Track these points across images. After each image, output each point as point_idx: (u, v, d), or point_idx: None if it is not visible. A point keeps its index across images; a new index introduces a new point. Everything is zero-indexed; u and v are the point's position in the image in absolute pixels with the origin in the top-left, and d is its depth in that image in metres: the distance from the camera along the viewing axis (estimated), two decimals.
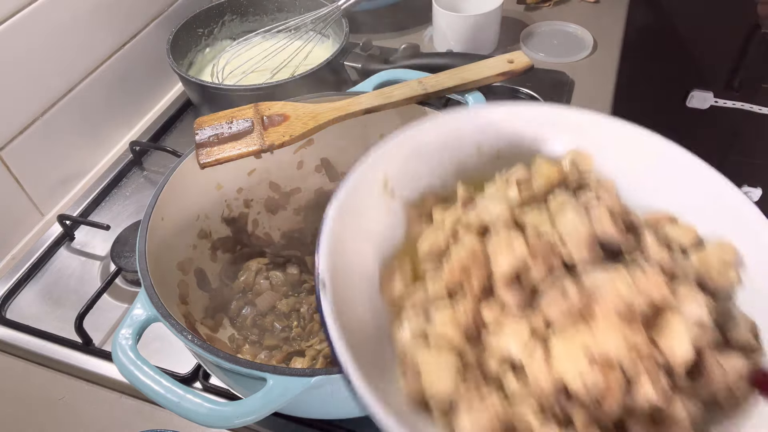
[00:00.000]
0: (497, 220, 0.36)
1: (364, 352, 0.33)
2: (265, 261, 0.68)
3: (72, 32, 0.83)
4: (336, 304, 0.34)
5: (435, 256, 0.38)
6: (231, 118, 0.60)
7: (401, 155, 0.41)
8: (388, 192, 0.40)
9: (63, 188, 0.87)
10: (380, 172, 0.40)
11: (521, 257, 0.34)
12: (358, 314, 0.36)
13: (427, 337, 0.35)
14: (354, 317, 0.35)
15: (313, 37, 0.95)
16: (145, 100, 1.00)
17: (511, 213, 0.36)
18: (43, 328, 0.69)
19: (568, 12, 1.09)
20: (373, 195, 0.40)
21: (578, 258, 0.34)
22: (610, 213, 0.35)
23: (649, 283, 0.32)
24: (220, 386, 0.62)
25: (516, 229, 0.35)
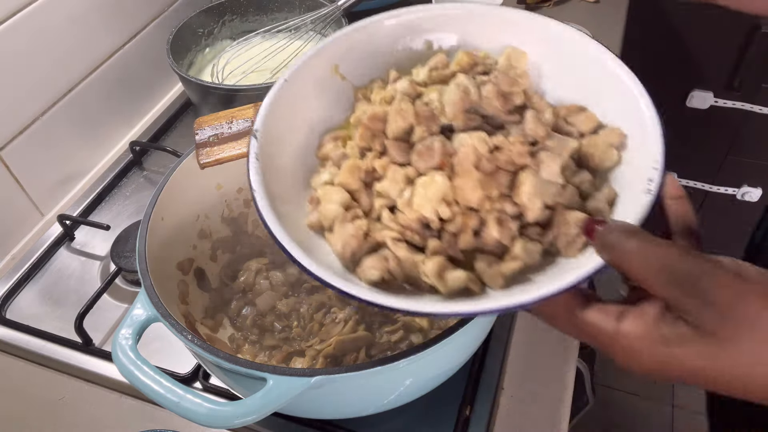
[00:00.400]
0: (400, 93, 0.44)
1: (282, 194, 0.42)
2: (265, 261, 0.67)
3: (72, 32, 0.83)
4: (263, 149, 0.43)
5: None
6: (231, 118, 0.60)
7: (352, 43, 0.49)
8: (339, 75, 0.48)
9: (63, 188, 0.87)
10: (331, 56, 0.48)
11: (408, 121, 0.42)
12: (285, 163, 0.45)
13: (332, 183, 0.44)
14: (280, 164, 0.44)
15: (313, 37, 0.95)
16: (145, 100, 1.00)
17: (413, 88, 0.44)
18: (43, 328, 0.69)
19: (568, 12, 1.09)
20: (323, 74, 0.48)
21: (454, 122, 0.42)
22: (498, 92, 0.42)
23: (511, 146, 0.40)
24: (220, 386, 0.62)
25: (411, 100, 0.43)
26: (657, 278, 0.30)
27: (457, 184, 0.39)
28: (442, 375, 0.54)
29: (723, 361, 0.29)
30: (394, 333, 0.59)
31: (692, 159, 1.51)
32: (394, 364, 0.44)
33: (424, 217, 0.39)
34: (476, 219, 0.40)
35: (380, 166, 0.42)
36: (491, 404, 0.60)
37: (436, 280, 0.38)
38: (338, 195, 0.42)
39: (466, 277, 0.38)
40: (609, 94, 0.43)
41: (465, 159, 0.39)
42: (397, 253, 0.39)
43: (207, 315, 0.63)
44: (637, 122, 0.40)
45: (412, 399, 0.54)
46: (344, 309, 0.62)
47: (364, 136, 0.43)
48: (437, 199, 0.39)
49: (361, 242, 0.40)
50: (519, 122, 0.42)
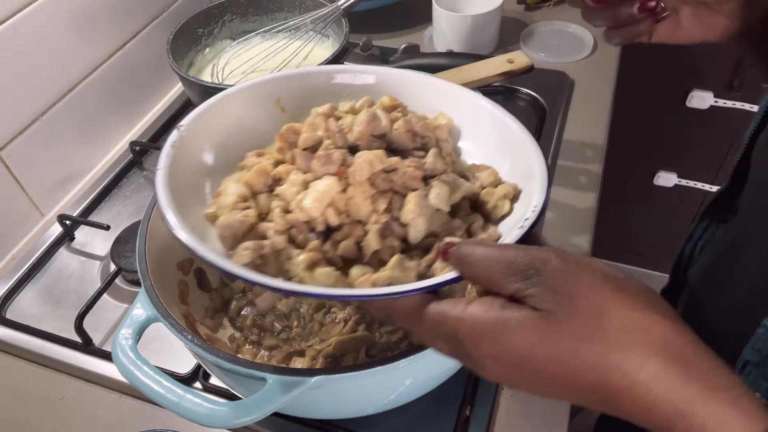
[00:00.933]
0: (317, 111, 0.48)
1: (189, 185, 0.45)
2: None
3: (72, 32, 0.83)
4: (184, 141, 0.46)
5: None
6: None
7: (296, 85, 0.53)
8: (280, 106, 0.53)
9: (63, 188, 0.87)
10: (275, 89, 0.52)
11: (318, 133, 0.46)
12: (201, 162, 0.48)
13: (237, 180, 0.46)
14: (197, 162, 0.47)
15: (313, 37, 0.95)
16: (145, 100, 1.00)
17: (332, 111, 0.48)
18: (43, 328, 0.69)
19: (568, 12, 1.09)
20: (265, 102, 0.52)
21: (359, 141, 0.46)
22: (409, 129, 0.47)
23: (406, 168, 0.43)
24: (220, 386, 0.62)
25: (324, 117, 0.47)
26: (502, 276, 0.32)
27: (349, 194, 0.42)
28: (443, 375, 0.54)
29: (555, 336, 0.30)
30: (394, 333, 0.59)
31: (692, 159, 1.51)
32: (394, 364, 0.44)
33: (311, 218, 0.42)
34: (362, 231, 0.42)
35: (285, 172, 0.45)
36: (491, 404, 0.60)
37: (304, 272, 0.40)
38: (237, 188, 0.44)
39: (335, 276, 0.40)
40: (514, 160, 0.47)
41: (359, 170, 0.42)
42: (275, 242, 0.41)
43: (207, 315, 0.63)
44: (531, 179, 0.44)
45: (412, 399, 0.54)
46: (344, 309, 0.62)
47: (280, 148, 0.47)
48: (326, 202, 0.42)
49: (245, 229, 0.42)
50: (422, 158, 0.46)
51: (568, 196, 0.80)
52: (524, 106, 0.92)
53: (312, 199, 0.42)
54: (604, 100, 0.94)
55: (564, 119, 0.90)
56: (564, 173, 0.83)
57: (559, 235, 0.75)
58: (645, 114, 1.46)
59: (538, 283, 0.31)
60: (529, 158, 0.45)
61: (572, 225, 0.76)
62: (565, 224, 0.77)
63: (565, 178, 0.82)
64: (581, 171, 0.83)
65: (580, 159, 0.85)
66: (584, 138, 0.88)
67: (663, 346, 0.29)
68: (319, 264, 0.41)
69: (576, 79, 0.96)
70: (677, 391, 0.28)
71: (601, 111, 0.92)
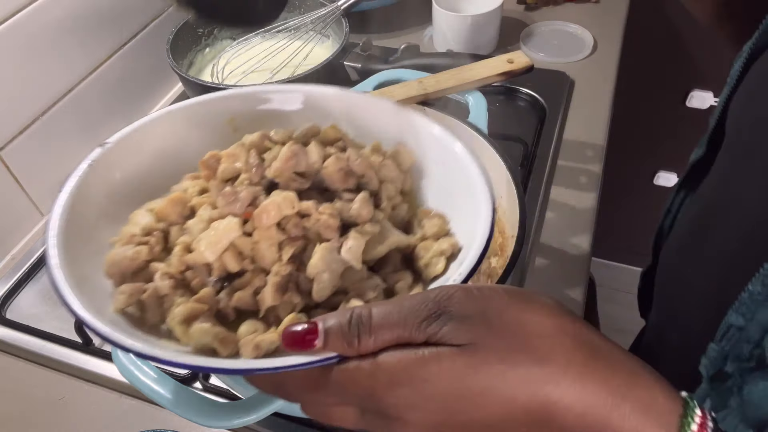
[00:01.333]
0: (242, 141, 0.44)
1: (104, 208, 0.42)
2: None
3: (72, 32, 0.83)
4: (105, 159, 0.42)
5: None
6: None
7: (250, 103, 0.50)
8: (232, 126, 0.49)
9: None
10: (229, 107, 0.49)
11: (235, 166, 0.42)
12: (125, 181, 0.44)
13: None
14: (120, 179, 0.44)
15: (313, 37, 0.95)
16: (145, 100, 1.00)
17: (262, 141, 0.44)
18: (43, 328, 0.69)
19: (568, 12, 1.09)
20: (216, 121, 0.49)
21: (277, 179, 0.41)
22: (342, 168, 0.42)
23: (319, 215, 0.39)
24: (220, 386, 0.62)
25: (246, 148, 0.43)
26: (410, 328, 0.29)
27: (254, 238, 0.38)
28: None
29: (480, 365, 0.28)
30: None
31: None
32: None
33: (207, 262, 0.37)
34: (263, 280, 0.38)
35: (198, 203, 0.41)
36: None
37: (178, 327, 0.36)
38: (145, 219, 0.41)
39: (214, 334, 0.35)
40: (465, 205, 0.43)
41: (267, 213, 0.38)
42: (158, 286, 0.37)
43: None
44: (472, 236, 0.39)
45: None
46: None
47: (206, 176, 0.43)
48: (223, 247, 0.37)
49: (134, 267, 0.38)
50: (352, 199, 0.41)
51: (568, 196, 0.80)
52: (524, 106, 0.92)
53: (208, 241, 0.37)
54: (604, 100, 0.94)
55: (564, 119, 0.90)
56: (564, 173, 0.83)
57: (559, 235, 0.75)
58: (645, 114, 1.46)
59: (449, 319, 0.29)
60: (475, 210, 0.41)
61: (572, 225, 0.76)
62: (565, 224, 0.77)
63: (565, 178, 0.82)
64: (581, 171, 0.83)
65: (580, 159, 0.85)
66: (584, 138, 0.88)
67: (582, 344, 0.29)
68: (200, 318, 0.36)
69: (576, 79, 0.96)
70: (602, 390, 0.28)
71: (601, 111, 0.92)
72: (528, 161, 0.82)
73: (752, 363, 0.37)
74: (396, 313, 0.30)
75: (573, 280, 0.71)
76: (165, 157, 0.46)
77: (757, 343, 0.36)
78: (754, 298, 0.37)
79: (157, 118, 0.47)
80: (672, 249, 0.61)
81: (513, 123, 0.89)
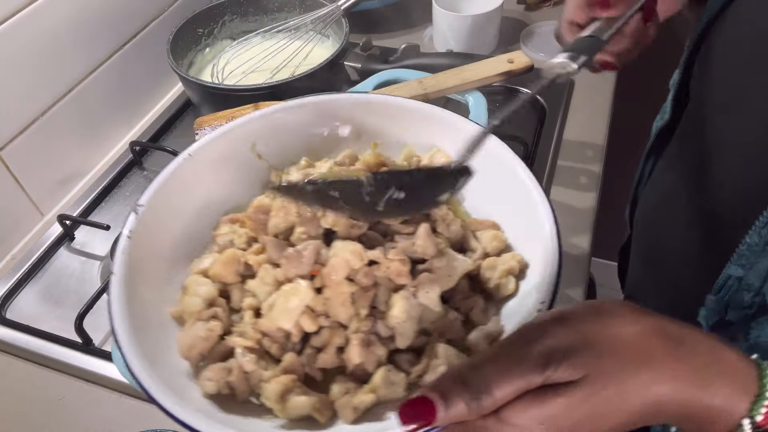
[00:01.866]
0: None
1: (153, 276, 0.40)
2: None
3: (72, 32, 0.83)
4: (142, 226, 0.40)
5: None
6: (231, 118, 0.60)
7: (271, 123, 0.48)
8: (256, 153, 0.47)
9: (63, 188, 0.87)
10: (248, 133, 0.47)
11: (289, 219, 0.40)
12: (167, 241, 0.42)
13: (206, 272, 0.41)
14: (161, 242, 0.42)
15: (313, 37, 0.95)
16: (145, 100, 1.00)
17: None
18: (43, 328, 0.69)
19: None
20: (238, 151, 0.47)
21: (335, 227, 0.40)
22: None
23: (389, 263, 0.38)
24: None
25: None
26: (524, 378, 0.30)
27: (326, 295, 0.37)
28: None
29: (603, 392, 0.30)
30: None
31: None
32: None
33: (284, 330, 0.37)
34: (343, 336, 0.37)
35: (255, 263, 0.40)
36: None
37: (275, 405, 0.35)
38: (204, 288, 0.40)
39: (310, 405, 0.35)
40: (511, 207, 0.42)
41: (336, 271, 0.37)
42: (243, 364, 0.37)
43: None
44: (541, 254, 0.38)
45: None
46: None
47: (252, 226, 0.42)
48: (299, 312, 0.37)
49: (211, 345, 0.38)
50: (412, 233, 0.40)
51: (568, 196, 0.80)
52: (524, 106, 0.92)
53: (282, 309, 0.37)
54: (604, 100, 0.94)
55: (564, 119, 0.90)
56: (564, 173, 0.83)
57: None
58: (645, 113, 1.46)
59: (561, 358, 0.30)
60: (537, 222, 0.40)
61: (572, 225, 0.76)
62: (565, 224, 0.76)
63: (565, 178, 0.82)
64: (581, 171, 0.83)
65: (580, 159, 0.85)
66: (584, 138, 0.88)
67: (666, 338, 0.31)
68: (293, 391, 0.36)
69: (576, 79, 0.96)
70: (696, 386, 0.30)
71: (601, 111, 0.92)
72: (528, 161, 0.82)
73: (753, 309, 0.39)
74: (508, 365, 0.30)
75: (573, 280, 0.71)
76: (198, 204, 0.45)
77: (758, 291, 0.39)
78: (752, 249, 0.39)
79: (179, 167, 0.44)
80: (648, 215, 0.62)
81: (513, 123, 0.89)
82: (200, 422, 0.32)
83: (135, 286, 0.38)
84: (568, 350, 0.30)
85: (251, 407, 0.37)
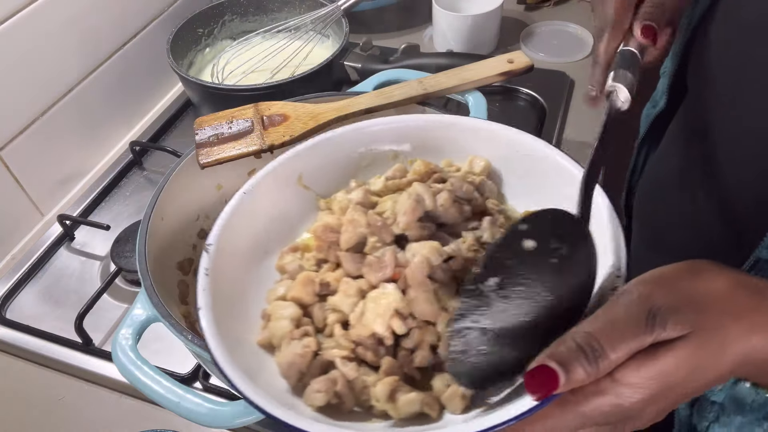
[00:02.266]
0: (353, 204, 0.44)
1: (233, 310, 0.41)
2: None
3: (72, 32, 0.83)
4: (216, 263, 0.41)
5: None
6: (231, 118, 0.60)
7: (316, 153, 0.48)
8: (302, 185, 0.48)
9: (63, 188, 0.87)
10: (294, 167, 0.48)
11: (360, 231, 0.41)
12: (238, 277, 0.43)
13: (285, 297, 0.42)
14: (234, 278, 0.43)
15: (313, 37, 0.95)
16: (145, 100, 1.00)
17: (367, 198, 0.44)
18: (43, 328, 0.69)
19: (568, 12, 1.09)
20: (286, 185, 0.48)
21: (407, 232, 0.41)
22: (454, 199, 0.42)
23: (466, 253, 0.39)
24: (220, 386, 0.62)
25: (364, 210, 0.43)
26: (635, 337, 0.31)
27: (411, 296, 0.38)
28: None
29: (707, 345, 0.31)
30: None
31: None
32: None
33: (376, 333, 0.38)
34: (434, 333, 0.38)
35: (333, 279, 0.41)
36: None
37: (387, 405, 0.37)
38: (289, 311, 0.41)
39: (420, 401, 0.36)
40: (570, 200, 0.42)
41: (418, 270, 0.38)
42: (346, 373, 0.38)
43: None
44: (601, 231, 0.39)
45: None
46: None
47: (319, 247, 0.43)
48: (389, 314, 0.38)
49: (309, 362, 0.39)
50: (476, 228, 0.42)
51: None
52: (524, 106, 0.92)
53: (374, 315, 0.38)
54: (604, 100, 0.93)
55: (564, 119, 0.90)
56: None
57: None
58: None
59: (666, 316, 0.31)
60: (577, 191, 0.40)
61: None
62: None
63: None
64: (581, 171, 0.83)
65: (580, 159, 0.85)
66: (584, 138, 0.88)
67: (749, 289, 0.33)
68: (400, 390, 0.37)
69: (576, 79, 0.96)
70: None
71: (601, 111, 0.92)
72: None
73: None
74: (620, 329, 0.31)
75: None
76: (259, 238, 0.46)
77: None
78: None
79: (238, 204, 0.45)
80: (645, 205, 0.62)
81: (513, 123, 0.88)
82: (329, 429, 0.34)
83: (221, 319, 0.39)
84: (673, 309, 0.31)
85: (357, 415, 0.39)
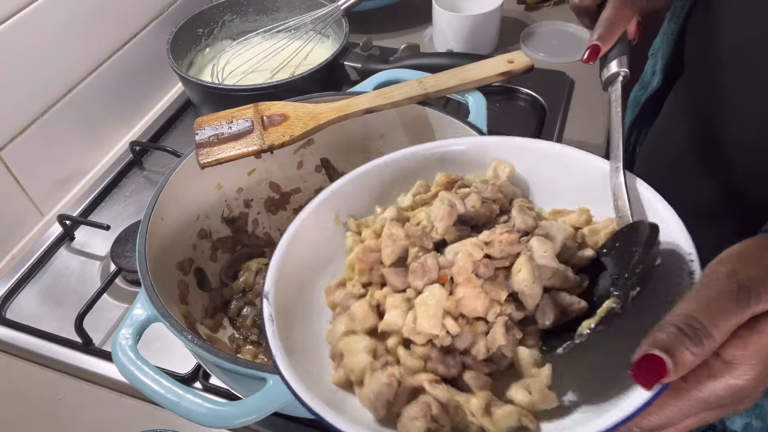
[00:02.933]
0: (389, 220, 0.44)
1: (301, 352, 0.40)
2: (265, 261, 0.67)
3: (72, 32, 0.83)
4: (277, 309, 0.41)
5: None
6: (231, 118, 0.60)
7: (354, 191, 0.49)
8: (341, 222, 0.48)
9: (63, 188, 0.87)
10: (331, 206, 0.48)
11: (401, 244, 0.41)
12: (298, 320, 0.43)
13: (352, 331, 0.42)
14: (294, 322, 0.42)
15: (313, 37, 0.95)
16: (145, 100, 1.00)
17: (400, 214, 0.45)
18: (43, 328, 0.69)
19: (568, 12, 1.09)
20: (325, 225, 0.48)
21: (445, 236, 0.41)
22: (483, 200, 0.43)
23: (500, 237, 0.39)
24: (220, 386, 0.62)
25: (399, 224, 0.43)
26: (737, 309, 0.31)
27: (459, 295, 0.39)
28: None
29: None
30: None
31: None
32: None
33: (433, 336, 0.38)
34: (484, 326, 0.39)
35: (381, 296, 0.41)
36: None
37: (484, 420, 0.36)
38: (362, 343, 0.40)
39: (517, 413, 0.36)
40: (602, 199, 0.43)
41: (463, 267, 0.39)
42: (437, 396, 0.37)
43: (207, 315, 0.63)
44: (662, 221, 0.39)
45: None
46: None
47: (361, 270, 0.43)
48: (441, 313, 0.38)
49: (396, 390, 0.38)
50: (507, 220, 0.43)
51: None
52: (524, 106, 0.92)
53: (425, 316, 0.38)
54: (603, 99, 0.94)
55: (564, 119, 0.90)
56: None
57: None
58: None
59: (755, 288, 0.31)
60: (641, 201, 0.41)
61: None
62: None
63: None
64: None
65: None
66: (584, 138, 0.88)
67: None
68: (494, 404, 0.37)
69: (576, 79, 0.96)
70: None
71: (601, 111, 0.92)
72: None
73: None
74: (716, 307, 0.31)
75: None
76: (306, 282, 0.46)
77: None
78: None
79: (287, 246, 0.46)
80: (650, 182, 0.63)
81: (513, 123, 0.89)
82: None
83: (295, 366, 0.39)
84: (762, 281, 0.31)
85: None
